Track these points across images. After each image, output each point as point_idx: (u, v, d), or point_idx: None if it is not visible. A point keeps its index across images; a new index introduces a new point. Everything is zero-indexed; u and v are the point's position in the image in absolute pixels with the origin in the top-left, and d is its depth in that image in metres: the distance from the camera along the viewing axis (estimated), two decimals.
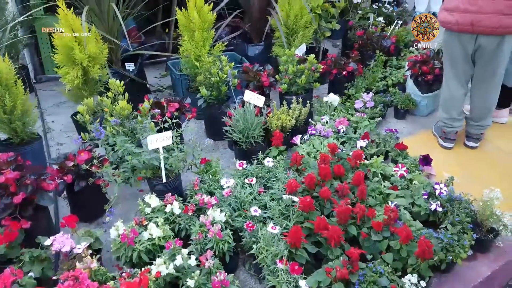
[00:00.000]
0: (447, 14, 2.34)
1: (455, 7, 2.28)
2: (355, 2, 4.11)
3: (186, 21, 2.89)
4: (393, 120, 3.04)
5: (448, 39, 2.44)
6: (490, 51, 2.32)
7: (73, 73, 2.41)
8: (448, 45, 2.46)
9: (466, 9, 2.24)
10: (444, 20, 2.37)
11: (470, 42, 2.33)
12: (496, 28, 2.20)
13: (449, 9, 2.32)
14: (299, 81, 2.81)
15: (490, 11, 2.18)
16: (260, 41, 3.61)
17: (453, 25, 2.31)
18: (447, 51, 2.51)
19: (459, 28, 2.30)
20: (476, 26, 2.23)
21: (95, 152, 1.96)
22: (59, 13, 2.34)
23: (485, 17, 2.19)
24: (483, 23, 2.21)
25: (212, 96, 2.72)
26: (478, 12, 2.20)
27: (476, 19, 2.21)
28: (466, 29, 2.28)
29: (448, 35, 2.43)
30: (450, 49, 2.46)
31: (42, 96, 3.55)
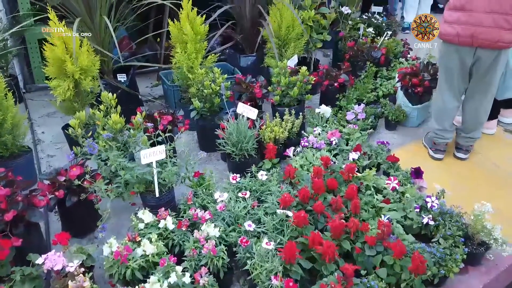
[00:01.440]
0: (447, 26, 2.38)
1: (456, 19, 2.33)
2: (346, 13, 4.15)
3: (179, 33, 2.89)
4: (384, 131, 3.07)
5: (446, 52, 2.48)
6: (487, 64, 2.37)
7: (64, 85, 2.39)
8: (445, 57, 2.51)
9: (467, 22, 2.29)
10: (444, 33, 2.42)
11: (469, 54, 2.38)
12: (496, 42, 2.25)
13: (450, 21, 2.37)
14: (292, 93, 2.83)
15: (490, 25, 2.23)
16: (252, 52, 3.63)
17: (454, 37, 2.36)
18: (443, 64, 2.55)
19: (460, 41, 2.35)
20: (476, 38, 2.28)
21: (87, 167, 1.94)
22: (51, 25, 2.32)
23: (485, 30, 2.24)
24: (483, 36, 2.26)
25: (204, 108, 2.72)
26: (479, 25, 2.25)
27: (476, 31, 2.26)
28: (466, 41, 2.32)
29: (446, 48, 2.47)
30: (447, 62, 2.50)
31: (32, 106, 3.51)
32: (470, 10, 2.27)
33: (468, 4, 2.27)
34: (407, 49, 3.98)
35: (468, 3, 2.27)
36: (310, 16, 3.43)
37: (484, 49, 2.32)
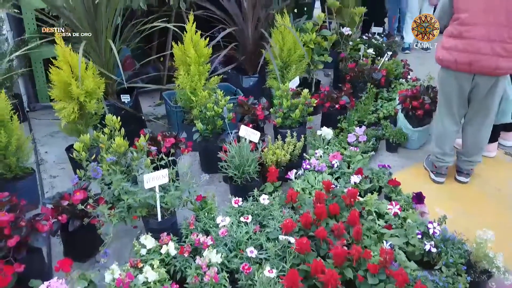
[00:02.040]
0: (445, 52, 2.42)
1: (454, 46, 2.37)
2: (346, 34, 4.22)
3: (182, 55, 2.93)
4: (385, 153, 3.09)
5: (445, 77, 2.52)
6: (485, 90, 2.40)
7: (69, 108, 2.42)
8: (444, 82, 2.54)
9: (465, 49, 2.32)
10: (442, 58, 2.45)
11: (467, 80, 2.41)
12: (494, 69, 2.29)
13: (447, 48, 2.40)
14: (293, 115, 2.86)
15: (488, 53, 2.26)
16: (254, 73, 3.67)
17: (452, 63, 2.39)
18: (443, 89, 2.58)
19: (457, 67, 2.38)
20: (474, 66, 2.31)
21: (90, 191, 1.96)
22: (57, 49, 2.36)
23: (483, 58, 2.28)
24: (481, 63, 2.29)
25: (207, 130, 2.74)
26: (477, 53, 2.28)
27: (474, 59, 2.30)
28: (464, 68, 2.35)
29: (445, 73, 2.51)
30: (446, 87, 2.53)
31: (36, 125, 3.54)
32: (468, 38, 2.31)
33: (466, 32, 2.31)
34: (407, 70, 4.03)
35: (466, 31, 2.31)
36: (311, 39, 3.49)
37: (482, 75, 2.35)
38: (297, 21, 3.93)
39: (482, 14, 2.24)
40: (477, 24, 2.27)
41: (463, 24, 2.32)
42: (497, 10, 2.21)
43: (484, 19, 2.25)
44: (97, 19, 2.76)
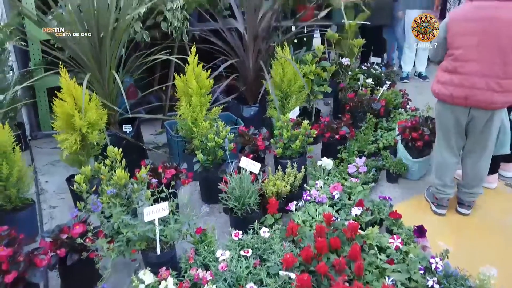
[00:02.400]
0: (441, 86, 2.46)
1: (449, 80, 2.41)
2: (345, 64, 4.30)
3: (184, 86, 2.99)
4: (386, 184, 3.09)
5: (442, 110, 2.55)
6: (482, 123, 2.42)
7: (71, 139, 2.44)
8: (441, 115, 2.57)
9: (460, 84, 2.36)
10: (438, 92, 2.49)
11: (463, 114, 2.44)
12: (489, 104, 2.32)
13: (443, 82, 2.45)
14: (294, 146, 2.87)
15: (483, 88, 2.30)
16: (255, 103, 3.72)
17: (448, 97, 2.43)
18: (440, 121, 2.61)
19: (453, 101, 2.41)
20: (469, 100, 2.35)
21: (90, 225, 1.95)
22: (62, 82, 2.41)
23: (478, 92, 2.31)
24: (477, 98, 2.32)
25: (208, 160, 2.75)
26: (472, 88, 2.32)
27: (470, 93, 2.33)
28: (460, 102, 2.39)
29: (441, 106, 2.54)
30: (443, 120, 2.56)
31: (37, 153, 3.56)
32: (463, 73, 2.35)
33: (461, 68, 2.35)
34: (406, 100, 4.07)
35: (461, 67, 2.35)
36: (311, 70, 3.55)
37: (478, 109, 2.38)
38: (297, 53, 4.02)
39: (476, 51, 2.29)
40: (471, 60, 2.32)
41: (457, 60, 2.37)
42: (490, 48, 2.26)
43: (477, 55, 2.29)
44: (102, 51, 2.82)
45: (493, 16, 2.24)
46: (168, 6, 3.40)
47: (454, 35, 2.37)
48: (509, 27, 2.21)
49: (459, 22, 2.35)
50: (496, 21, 2.23)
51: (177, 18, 3.49)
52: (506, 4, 2.23)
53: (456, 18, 2.37)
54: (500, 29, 2.22)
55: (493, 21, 2.24)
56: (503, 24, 2.22)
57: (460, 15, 2.37)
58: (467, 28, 2.31)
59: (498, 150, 2.74)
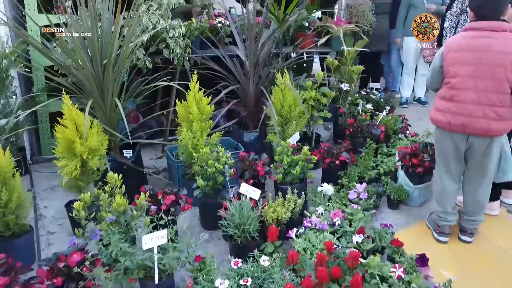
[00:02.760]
0: (439, 114, 2.48)
1: (447, 108, 2.43)
2: (345, 90, 4.35)
3: (185, 112, 3.01)
4: (387, 210, 3.06)
5: (441, 137, 2.56)
6: (481, 151, 2.42)
7: (71, 165, 2.45)
8: (440, 142, 2.58)
9: (457, 112, 2.38)
10: (436, 119, 2.51)
11: (462, 141, 2.45)
12: (487, 131, 2.33)
13: (441, 110, 2.46)
14: (294, 171, 2.87)
15: (479, 116, 2.32)
16: (255, 128, 3.74)
17: (446, 124, 2.44)
18: (439, 148, 2.61)
19: (451, 128, 2.43)
20: (467, 128, 2.36)
21: (88, 253, 1.92)
22: (64, 108, 2.44)
23: (475, 120, 2.33)
24: (474, 125, 2.34)
25: (208, 186, 2.75)
26: (469, 116, 2.34)
27: (467, 121, 2.35)
28: (458, 129, 2.40)
29: (440, 133, 2.55)
30: (442, 146, 2.56)
31: (37, 178, 3.55)
32: (460, 101, 2.37)
33: (457, 96, 2.38)
34: (405, 125, 4.09)
35: (457, 95, 2.38)
36: (311, 96, 3.59)
37: (476, 136, 2.39)
38: (296, 79, 4.07)
39: (472, 80, 2.32)
40: (467, 89, 2.34)
41: (454, 88, 2.39)
42: (485, 77, 2.29)
43: (473, 84, 2.32)
44: (104, 78, 2.86)
45: (488, 46, 2.28)
46: (170, 34, 3.48)
47: (450, 64, 2.41)
48: (503, 57, 2.24)
49: (455, 51, 2.39)
50: (491, 51, 2.27)
51: (179, 45, 3.55)
52: (500, 34, 2.27)
53: (452, 47, 2.42)
54: (494, 59, 2.26)
55: (488, 51, 2.28)
56: (497, 54, 2.26)
57: (456, 44, 2.41)
58: (463, 58, 2.35)
59: (500, 177, 2.73)
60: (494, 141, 2.39)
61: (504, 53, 2.24)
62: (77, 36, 2.84)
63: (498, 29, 2.28)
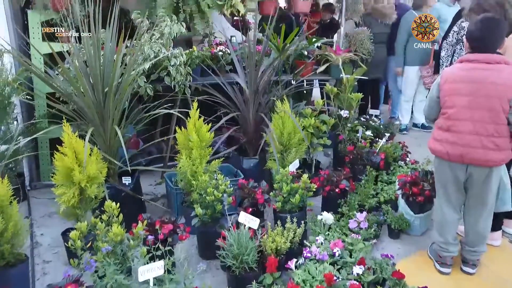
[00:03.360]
0: (437, 144, 2.48)
1: (445, 139, 2.44)
2: (344, 116, 4.37)
3: (185, 140, 3.02)
4: (388, 239, 3.02)
5: (439, 167, 2.55)
6: (480, 181, 2.41)
7: (69, 193, 2.43)
8: (439, 172, 2.57)
9: (455, 142, 2.38)
10: (435, 149, 2.51)
11: (461, 171, 2.44)
12: (485, 162, 2.33)
13: (439, 140, 2.47)
14: (293, 200, 2.85)
15: (478, 146, 2.32)
16: (255, 154, 3.74)
17: (444, 154, 2.45)
18: (438, 177, 2.60)
19: (450, 158, 2.43)
20: (465, 158, 2.36)
21: (82, 285, 1.89)
22: (64, 136, 2.44)
23: (473, 150, 2.33)
24: (472, 155, 2.34)
25: (206, 214, 2.72)
26: (467, 146, 2.35)
27: (465, 152, 2.35)
28: (457, 159, 2.40)
29: (439, 163, 2.55)
30: (442, 176, 2.56)
31: (35, 204, 3.53)
32: (457, 132, 2.38)
33: (454, 127, 2.39)
34: (405, 152, 4.09)
35: (455, 126, 2.39)
36: (310, 124, 3.61)
37: (475, 166, 2.38)
38: (296, 106, 4.10)
39: (468, 110, 2.34)
40: (464, 120, 2.36)
41: (450, 119, 2.41)
42: (481, 108, 2.31)
43: (470, 115, 2.34)
44: (105, 105, 2.89)
45: (484, 78, 2.31)
46: (172, 62, 3.53)
47: (446, 94, 2.43)
48: (498, 88, 2.27)
49: (452, 82, 2.42)
50: (487, 83, 2.29)
51: (180, 73, 3.60)
52: (495, 66, 2.30)
53: (449, 78, 2.45)
54: (490, 90, 2.28)
55: (484, 83, 2.30)
56: (492, 85, 2.28)
57: (452, 75, 2.44)
58: (459, 89, 2.38)
59: (499, 207, 2.70)
60: (493, 172, 2.38)
61: (500, 84, 2.27)
62: (80, 63, 2.89)
63: (493, 62, 2.31)
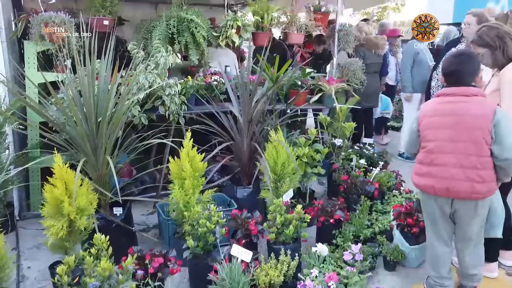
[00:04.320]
0: (421, 179, 2.47)
1: (428, 173, 2.42)
2: (338, 145, 4.38)
3: (178, 169, 3.00)
4: (383, 272, 2.97)
5: (426, 200, 2.54)
6: (467, 215, 2.39)
7: (58, 225, 2.38)
8: (426, 205, 2.55)
9: (440, 175, 2.37)
10: (419, 184, 2.50)
11: (446, 204, 2.42)
12: (470, 194, 2.31)
13: (422, 174, 2.46)
14: (287, 231, 2.81)
15: (462, 179, 2.31)
16: (249, 184, 3.71)
17: (429, 188, 2.43)
18: (426, 211, 2.58)
19: (436, 193, 2.41)
20: (451, 191, 2.34)
21: None
22: (55, 167, 2.42)
23: (458, 183, 2.32)
24: (457, 188, 2.32)
25: (198, 246, 2.67)
26: (451, 179, 2.33)
27: (451, 185, 2.34)
28: (442, 193, 2.38)
29: (425, 197, 2.53)
30: (429, 210, 2.53)
31: (23, 235, 3.44)
32: (441, 165, 2.37)
33: (437, 160, 2.38)
34: (399, 181, 4.09)
35: (437, 159, 2.38)
36: (304, 153, 3.61)
37: (460, 200, 2.36)
38: (290, 135, 4.12)
39: (450, 143, 2.34)
40: (447, 153, 2.35)
41: (433, 152, 2.40)
42: (464, 140, 2.31)
43: (453, 148, 2.33)
44: (98, 135, 2.87)
45: (464, 110, 2.32)
46: (166, 92, 3.56)
47: (426, 128, 2.43)
48: (479, 120, 2.27)
49: (431, 116, 2.43)
50: (467, 115, 2.30)
51: (174, 102, 3.62)
52: (472, 99, 2.32)
53: (427, 113, 2.46)
54: (471, 122, 2.29)
55: (465, 115, 2.31)
56: (473, 117, 2.29)
57: (431, 109, 2.46)
58: (439, 122, 2.38)
59: (488, 232, 2.65)
60: (478, 206, 2.35)
61: (480, 117, 2.27)
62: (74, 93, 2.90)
63: (470, 94, 2.33)
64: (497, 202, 2.63)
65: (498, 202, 2.63)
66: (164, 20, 4.02)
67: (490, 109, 2.28)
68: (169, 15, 4.05)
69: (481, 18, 4.12)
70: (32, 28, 3.41)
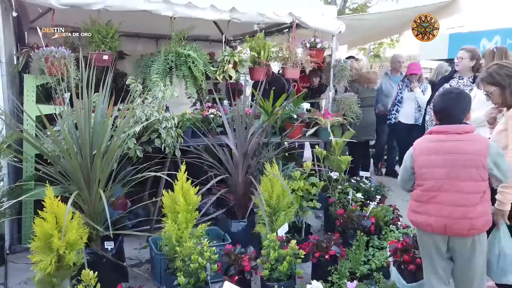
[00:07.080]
0: (418, 216, 2.43)
1: (425, 211, 2.39)
2: (334, 178, 4.37)
3: (171, 202, 2.97)
4: None
5: (422, 237, 2.49)
6: (465, 254, 2.34)
7: (46, 260, 2.33)
8: (422, 243, 2.51)
9: (437, 213, 2.34)
10: (415, 221, 2.46)
11: (442, 242, 2.38)
12: (468, 230, 2.28)
13: (420, 212, 2.43)
14: (281, 268, 2.75)
15: (459, 217, 2.28)
16: (243, 217, 3.68)
17: (427, 226, 2.39)
18: (423, 249, 2.53)
19: (433, 230, 2.37)
20: (449, 228, 2.31)
21: None
22: (46, 201, 2.40)
23: (456, 221, 2.29)
24: (455, 226, 2.29)
25: (189, 283, 2.60)
26: (449, 217, 2.30)
27: (449, 223, 2.30)
28: (440, 231, 2.35)
29: (421, 234, 2.49)
30: (426, 247, 2.48)
31: (12, 269, 3.36)
32: (438, 203, 2.34)
33: (435, 198, 2.35)
34: (396, 216, 4.04)
35: (434, 197, 2.35)
36: (300, 187, 3.59)
37: (457, 238, 2.32)
38: (285, 168, 4.11)
39: (448, 181, 2.32)
40: (444, 191, 2.33)
41: (430, 190, 2.37)
42: (460, 178, 2.29)
43: (449, 186, 2.31)
44: (92, 168, 2.87)
45: (459, 149, 2.31)
46: (163, 125, 3.59)
47: (422, 166, 2.40)
48: (474, 158, 2.27)
49: (426, 154, 2.40)
50: (462, 153, 2.30)
51: (171, 135, 3.65)
52: (466, 136, 2.32)
53: (422, 150, 2.43)
54: (467, 160, 2.28)
55: (460, 153, 2.30)
56: (468, 155, 2.28)
57: (425, 147, 2.42)
58: (435, 161, 2.36)
59: (500, 278, 2.56)
60: (476, 242, 2.31)
61: (475, 154, 2.27)
62: (70, 126, 2.92)
63: (463, 132, 2.33)
64: (506, 246, 2.52)
65: (507, 246, 2.51)
66: (162, 55, 4.12)
67: (483, 144, 2.29)
68: (168, 50, 4.16)
69: (473, 54, 4.24)
70: (33, 62, 3.48)
